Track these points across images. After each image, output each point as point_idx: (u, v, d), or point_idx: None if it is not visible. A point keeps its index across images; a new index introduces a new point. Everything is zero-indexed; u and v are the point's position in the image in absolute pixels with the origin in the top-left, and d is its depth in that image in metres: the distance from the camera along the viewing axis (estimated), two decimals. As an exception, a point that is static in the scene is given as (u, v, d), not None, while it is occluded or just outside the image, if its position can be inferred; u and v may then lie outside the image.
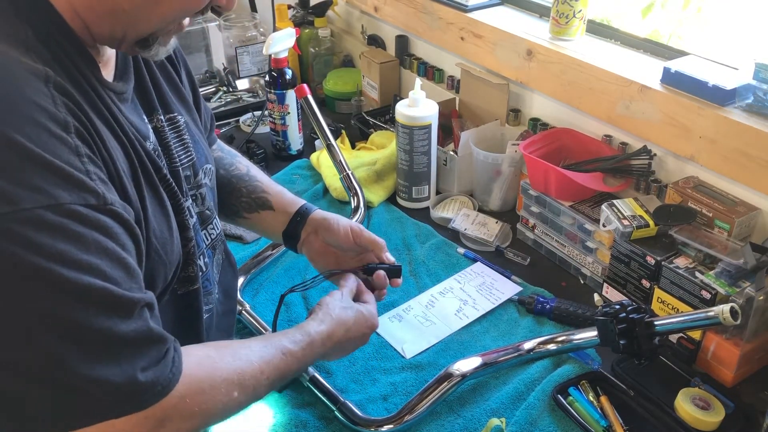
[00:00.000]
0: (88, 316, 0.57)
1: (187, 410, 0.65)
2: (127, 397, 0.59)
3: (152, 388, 0.61)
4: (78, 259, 0.56)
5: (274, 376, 0.77)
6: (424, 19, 1.65)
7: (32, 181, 0.55)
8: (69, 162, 0.57)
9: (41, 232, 0.54)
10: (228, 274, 0.98)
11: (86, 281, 0.56)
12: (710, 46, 1.33)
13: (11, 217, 0.53)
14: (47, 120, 0.57)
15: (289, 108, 1.58)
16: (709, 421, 0.91)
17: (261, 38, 1.94)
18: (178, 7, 0.67)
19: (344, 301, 0.92)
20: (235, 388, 0.71)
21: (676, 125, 1.15)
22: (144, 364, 0.60)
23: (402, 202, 1.49)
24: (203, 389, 0.67)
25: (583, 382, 0.99)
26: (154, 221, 0.71)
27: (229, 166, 1.07)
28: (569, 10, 1.33)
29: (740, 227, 1.06)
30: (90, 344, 0.57)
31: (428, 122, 1.37)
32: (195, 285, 0.82)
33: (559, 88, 1.35)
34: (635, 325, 0.93)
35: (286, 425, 0.96)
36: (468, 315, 1.17)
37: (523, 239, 1.36)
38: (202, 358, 0.70)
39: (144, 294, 0.63)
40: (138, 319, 0.61)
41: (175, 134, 0.83)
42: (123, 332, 0.59)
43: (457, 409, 0.99)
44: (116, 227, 0.61)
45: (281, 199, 1.05)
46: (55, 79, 0.60)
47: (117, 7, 0.64)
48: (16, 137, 0.54)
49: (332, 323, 0.87)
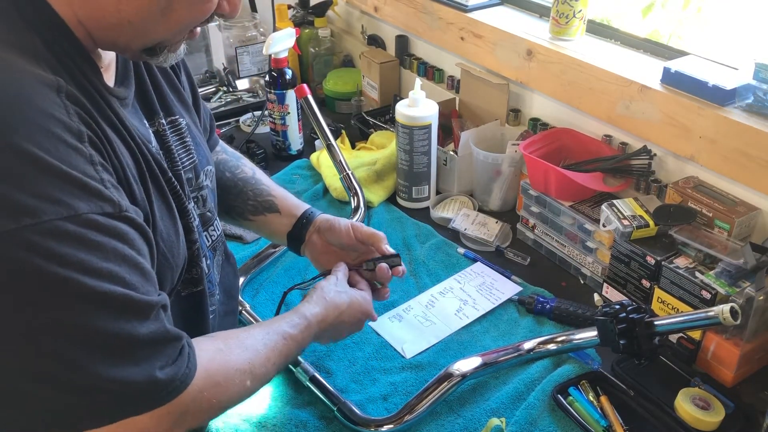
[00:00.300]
0: (109, 322, 0.59)
1: (205, 403, 0.68)
2: (148, 395, 0.62)
3: (171, 384, 0.63)
4: (98, 267, 0.58)
5: (279, 361, 0.81)
6: (424, 19, 1.65)
7: (51, 193, 0.55)
8: (85, 172, 0.58)
9: (62, 242, 0.56)
10: (229, 274, 0.99)
11: (107, 289, 0.58)
12: (710, 46, 1.33)
13: (33, 230, 0.54)
14: (62, 131, 0.58)
15: (289, 108, 1.58)
16: (709, 421, 0.91)
17: (261, 38, 1.94)
18: (184, 19, 0.67)
19: (339, 285, 0.95)
20: (247, 377, 0.74)
21: (676, 125, 1.15)
22: (162, 363, 0.63)
23: (402, 202, 1.49)
24: (218, 382, 0.70)
25: (583, 382, 0.99)
26: (161, 224, 0.72)
27: (235, 168, 1.08)
28: (569, 10, 1.33)
29: (740, 227, 1.06)
30: (111, 348, 0.59)
31: (428, 122, 1.37)
32: (199, 286, 0.84)
33: (559, 88, 1.35)
34: (635, 325, 0.93)
35: (286, 425, 0.96)
36: (468, 315, 1.17)
37: (523, 239, 1.36)
38: (214, 352, 0.73)
39: (159, 296, 0.65)
40: (155, 321, 0.63)
41: (177, 137, 0.84)
42: (142, 334, 0.61)
43: (457, 409, 0.99)
44: (132, 233, 0.62)
45: (287, 202, 1.08)
46: (67, 88, 0.60)
47: (122, 19, 0.64)
48: (33, 150, 0.55)
49: (326, 305, 0.90)
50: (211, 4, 0.67)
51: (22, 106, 0.56)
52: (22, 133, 0.55)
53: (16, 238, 0.53)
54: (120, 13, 0.64)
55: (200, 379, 0.67)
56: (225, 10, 0.70)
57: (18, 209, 0.54)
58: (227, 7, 0.70)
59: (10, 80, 0.57)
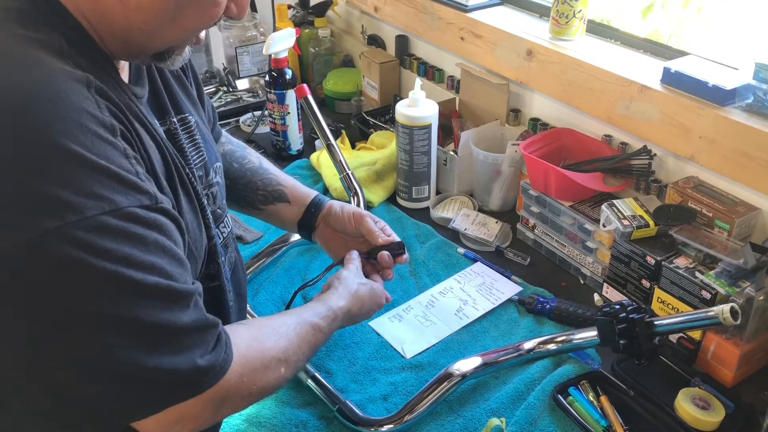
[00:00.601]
0: (155, 313, 0.60)
1: (245, 388, 0.70)
2: (191, 382, 0.63)
3: (212, 370, 0.64)
4: (142, 260, 0.59)
5: (308, 350, 0.83)
6: (424, 19, 1.65)
7: (92, 189, 0.56)
8: (121, 165, 0.59)
9: (106, 237, 0.56)
10: (238, 272, 0.99)
11: (151, 281, 0.59)
12: (710, 46, 1.33)
13: (77, 225, 0.55)
14: (96, 126, 0.58)
15: (289, 108, 1.58)
16: (709, 421, 0.91)
17: (261, 38, 1.94)
18: (193, 24, 0.68)
19: (359, 276, 0.99)
20: (282, 365, 0.76)
21: (676, 125, 1.15)
22: (202, 351, 0.64)
23: (402, 202, 1.49)
24: (257, 368, 0.72)
25: (583, 382, 0.99)
26: (187, 217, 0.73)
27: (242, 159, 1.10)
28: (569, 10, 1.33)
29: (740, 227, 1.06)
30: (157, 338, 0.60)
31: (428, 122, 1.37)
32: (216, 282, 0.85)
33: (559, 88, 1.35)
34: (635, 325, 0.93)
35: (286, 425, 0.96)
36: (468, 315, 1.17)
37: (523, 239, 1.36)
38: (251, 339, 0.74)
39: (194, 284, 0.66)
40: (195, 309, 0.64)
41: (187, 135, 0.84)
42: (184, 323, 0.62)
43: (457, 409, 0.99)
44: (168, 223, 0.64)
45: (296, 191, 1.11)
46: (96, 83, 0.61)
47: (132, 26, 0.65)
48: (71, 146, 0.56)
49: (351, 299, 0.94)
50: (220, 8, 0.68)
51: (57, 102, 0.57)
52: (59, 130, 0.56)
53: (61, 235, 0.54)
54: (129, 21, 0.64)
55: (239, 365, 0.68)
56: (233, 12, 0.70)
57: (61, 206, 0.54)
58: (235, 10, 0.70)
59: (43, 78, 0.58)
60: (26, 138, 0.54)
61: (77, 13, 0.64)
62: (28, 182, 0.54)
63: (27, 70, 0.57)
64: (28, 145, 0.55)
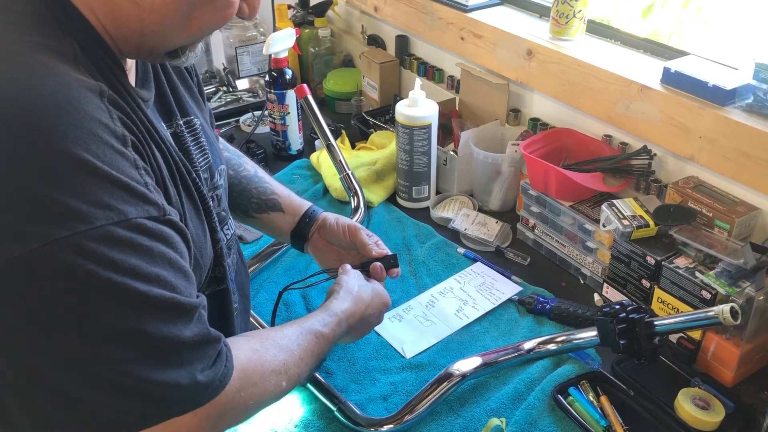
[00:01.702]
0: (158, 326, 0.59)
1: (243, 403, 0.69)
2: (190, 397, 0.62)
3: (211, 385, 0.64)
4: (148, 272, 0.58)
5: (311, 360, 0.82)
6: (424, 19, 1.65)
7: (102, 198, 0.56)
8: (131, 176, 0.59)
9: (113, 248, 0.56)
10: (242, 273, 0.99)
11: (156, 293, 0.59)
12: (710, 46, 1.33)
13: (86, 235, 0.54)
14: (108, 135, 0.58)
15: (289, 108, 1.58)
16: (709, 421, 0.91)
17: (261, 38, 1.94)
18: (207, 24, 0.68)
19: (359, 278, 0.97)
20: (282, 378, 0.75)
21: (676, 125, 1.15)
22: (203, 365, 0.63)
23: (402, 202, 1.49)
24: (255, 382, 0.71)
25: (583, 382, 0.99)
26: (191, 225, 0.73)
27: (238, 166, 1.10)
28: (569, 10, 1.33)
29: (740, 227, 1.06)
30: (159, 351, 0.60)
31: (428, 122, 1.37)
32: (222, 285, 0.84)
33: (559, 88, 1.35)
34: (635, 325, 0.93)
35: (286, 425, 0.96)
36: (468, 315, 1.17)
37: (523, 239, 1.36)
38: (251, 352, 0.74)
39: (198, 297, 0.65)
40: (198, 323, 0.64)
41: (193, 137, 0.84)
42: (187, 337, 0.62)
43: (457, 409, 0.99)
44: (175, 236, 0.63)
45: (290, 201, 1.10)
46: (109, 93, 0.60)
47: (145, 27, 0.65)
48: (83, 155, 0.55)
49: (353, 300, 0.93)
50: (233, 9, 0.68)
51: (71, 111, 0.56)
52: (72, 139, 0.55)
53: (69, 244, 0.54)
54: (143, 22, 0.64)
55: (237, 380, 0.68)
56: (245, 12, 0.70)
57: (70, 215, 0.54)
58: (247, 10, 0.70)
59: (57, 86, 0.57)
60: (38, 145, 0.54)
61: (90, 15, 0.63)
62: (38, 190, 0.53)
63: (41, 78, 0.57)
64: (40, 153, 0.54)
